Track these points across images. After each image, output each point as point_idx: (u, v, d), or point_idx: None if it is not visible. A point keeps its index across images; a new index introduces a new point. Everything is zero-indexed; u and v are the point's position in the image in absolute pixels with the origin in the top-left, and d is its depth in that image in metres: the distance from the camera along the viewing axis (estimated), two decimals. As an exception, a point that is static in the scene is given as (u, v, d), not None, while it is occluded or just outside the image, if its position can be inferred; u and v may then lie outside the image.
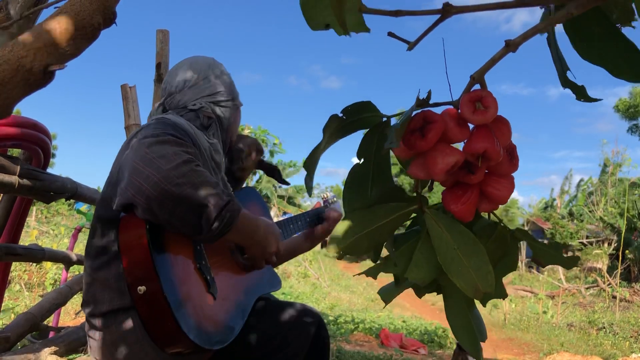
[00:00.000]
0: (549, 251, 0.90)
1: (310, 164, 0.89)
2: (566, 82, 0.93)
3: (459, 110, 0.77)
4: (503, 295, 0.91)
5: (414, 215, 0.88)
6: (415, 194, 0.86)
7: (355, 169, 0.92)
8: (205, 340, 1.23)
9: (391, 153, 0.87)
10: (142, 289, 1.18)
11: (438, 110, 0.79)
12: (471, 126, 0.78)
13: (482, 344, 0.91)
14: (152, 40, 2.87)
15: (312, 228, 1.94)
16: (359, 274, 0.92)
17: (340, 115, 0.87)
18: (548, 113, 74.18)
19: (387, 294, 0.92)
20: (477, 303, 0.93)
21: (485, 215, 0.94)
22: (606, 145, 28.26)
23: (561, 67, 0.94)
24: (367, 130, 0.90)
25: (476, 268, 0.76)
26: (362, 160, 0.91)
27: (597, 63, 0.91)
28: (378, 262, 0.92)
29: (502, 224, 0.92)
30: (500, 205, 0.84)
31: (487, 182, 0.81)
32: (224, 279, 1.41)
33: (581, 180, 26.41)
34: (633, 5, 0.96)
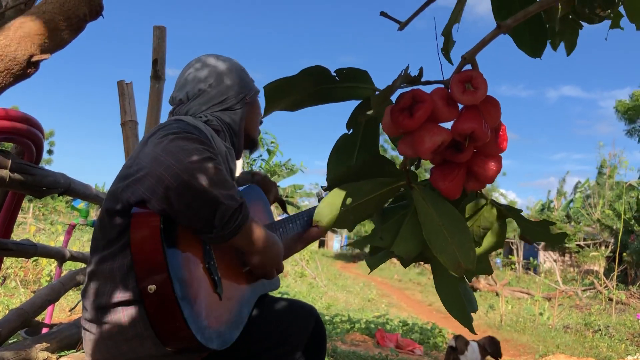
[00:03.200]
0: (536, 229, 0.91)
1: (273, 92, 0.87)
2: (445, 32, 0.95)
3: (449, 90, 0.77)
4: (488, 271, 0.92)
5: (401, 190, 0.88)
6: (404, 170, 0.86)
7: (343, 137, 0.93)
8: (209, 340, 1.22)
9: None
10: (152, 288, 1.17)
11: (429, 88, 0.79)
12: (461, 106, 0.78)
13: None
14: (149, 36, 2.86)
15: (306, 229, 1.91)
16: (347, 245, 0.92)
17: (333, 74, 0.86)
18: (547, 115, 74.36)
19: (373, 261, 0.92)
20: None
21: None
22: (603, 148, 28.23)
23: (452, 23, 0.95)
24: (359, 102, 0.90)
25: (459, 245, 0.76)
26: (351, 130, 0.92)
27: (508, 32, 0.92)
28: (365, 235, 0.93)
29: (489, 201, 0.92)
30: (487, 185, 0.85)
31: (475, 161, 0.82)
32: (229, 279, 1.40)
33: (578, 182, 26.42)
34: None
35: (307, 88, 0.86)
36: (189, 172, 1.16)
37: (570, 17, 0.99)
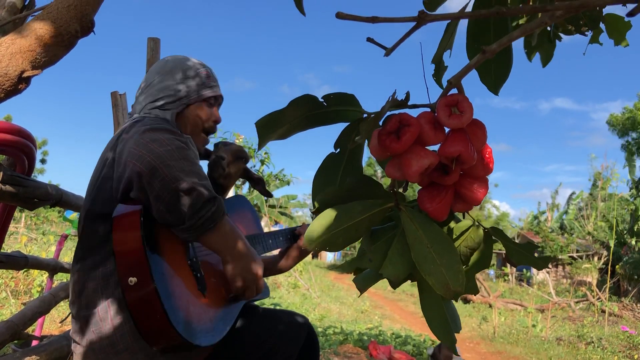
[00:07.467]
0: (521, 251, 0.92)
1: (264, 128, 0.89)
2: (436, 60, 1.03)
3: (436, 114, 0.78)
4: (475, 290, 0.93)
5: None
6: (392, 192, 0.87)
7: (329, 156, 0.95)
8: (192, 335, 1.22)
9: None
10: (133, 280, 1.18)
11: (416, 112, 0.81)
12: (447, 129, 0.80)
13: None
14: (143, 48, 2.86)
15: (288, 247, 1.90)
16: (336, 268, 0.93)
17: (321, 100, 0.88)
18: (540, 127, 74.91)
19: (362, 283, 0.93)
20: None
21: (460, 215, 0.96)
22: (595, 160, 28.47)
23: (442, 50, 1.03)
24: (347, 124, 0.92)
25: (447, 267, 0.77)
26: (338, 150, 0.94)
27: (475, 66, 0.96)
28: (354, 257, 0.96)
29: (476, 223, 0.93)
30: (474, 206, 0.87)
31: (462, 183, 0.83)
32: (213, 278, 1.40)
33: (572, 193, 26.55)
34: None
35: (296, 117, 0.88)
36: (161, 160, 1.19)
37: (548, 29, 1.01)
